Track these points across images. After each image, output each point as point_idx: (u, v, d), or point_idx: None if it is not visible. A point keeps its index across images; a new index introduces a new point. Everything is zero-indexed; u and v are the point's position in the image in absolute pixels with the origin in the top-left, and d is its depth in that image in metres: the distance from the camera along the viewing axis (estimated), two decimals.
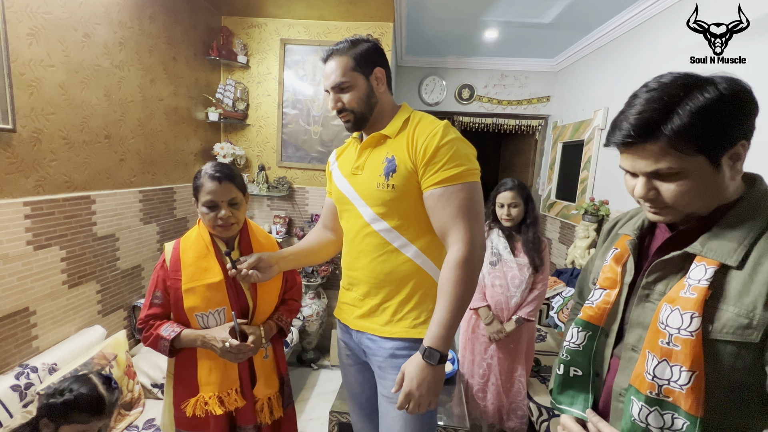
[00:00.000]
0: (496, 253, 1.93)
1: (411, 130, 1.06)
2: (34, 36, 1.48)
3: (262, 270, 1.17)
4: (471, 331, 2.04)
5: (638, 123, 0.64)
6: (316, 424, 2.35)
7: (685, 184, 0.65)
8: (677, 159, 0.63)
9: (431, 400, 0.96)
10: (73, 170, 1.71)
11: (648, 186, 0.68)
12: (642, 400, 0.68)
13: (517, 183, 1.91)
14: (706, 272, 0.65)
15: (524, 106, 4.06)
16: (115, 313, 2.02)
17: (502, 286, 1.92)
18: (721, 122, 0.61)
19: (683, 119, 0.61)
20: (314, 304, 2.92)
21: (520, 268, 1.91)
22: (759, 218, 0.65)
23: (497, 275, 1.93)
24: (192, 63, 2.57)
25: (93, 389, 1.20)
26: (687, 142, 0.62)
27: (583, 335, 0.81)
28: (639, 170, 0.68)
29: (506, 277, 1.92)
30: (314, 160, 3.00)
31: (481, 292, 1.97)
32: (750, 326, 0.61)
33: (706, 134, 0.62)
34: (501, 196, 1.90)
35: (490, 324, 1.93)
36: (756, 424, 0.64)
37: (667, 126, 0.62)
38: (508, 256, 1.91)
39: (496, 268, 1.93)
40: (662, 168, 0.65)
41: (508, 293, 1.92)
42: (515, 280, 1.91)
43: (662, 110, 0.63)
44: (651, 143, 0.64)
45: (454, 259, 0.97)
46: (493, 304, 1.95)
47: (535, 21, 2.94)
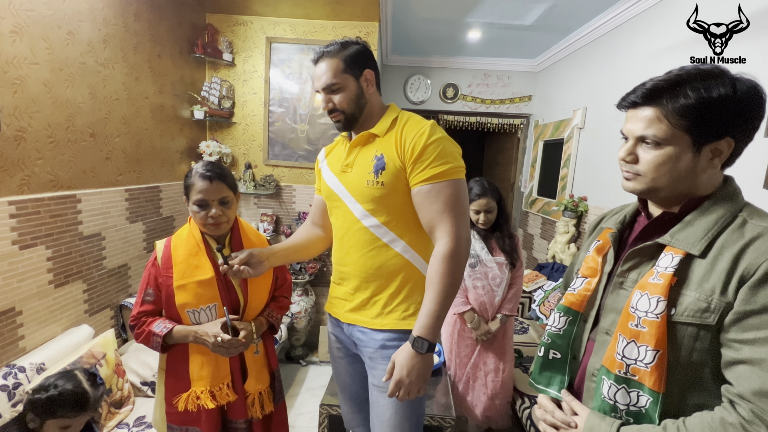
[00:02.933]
0: (474, 255, 1.92)
1: (399, 129, 1.10)
2: (17, 33, 1.47)
3: (253, 266, 1.19)
4: (456, 335, 2.01)
5: (650, 88, 0.71)
6: (306, 419, 2.38)
7: (662, 156, 0.71)
8: (665, 130, 0.70)
9: (420, 386, 1.01)
10: (59, 169, 1.69)
11: (631, 150, 0.75)
12: (612, 379, 0.73)
13: (488, 186, 1.89)
14: (673, 260, 0.70)
15: (507, 105, 4.16)
16: (102, 312, 2.01)
17: (484, 287, 1.94)
18: (719, 114, 0.67)
19: (687, 97, 0.67)
20: (302, 301, 2.94)
21: (500, 266, 1.92)
22: (724, 212, 0.71)
23: (478, 277, 1.94)
24: (177, 61, 2.55)
25: (77, 385, 1.23)
26: (680, 117, 0.68)
27: (564, 320, 0.87)
28: (630, 133, 0.75)
29: (487, 278, 1.93)
30: (301, 158, 3.02)
31: (463, 296, 1.96)
32: (708, 309, 0.67)
33: (701, 118, 0.67)
34: (475, 204, 1.88)
35: (477, 327, 1.93)
36: (713, 402, 0.69)
37: (670, 97, 0.69)
38: (486, 257, 1.92)
39: (476, 270, 1.93)
40: (649, 134, 0.71)
41: (491, 293, 1.94)
42: (496, 279, 1.93)
43: (675, 83, 0.69)
44: (650, 108, 0.71)
45: (441, 253, 1.02)
46: (477, 305, 1.96)
47: (517, 23, 3.02)
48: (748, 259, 0.65)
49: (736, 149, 0.71)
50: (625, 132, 0.77)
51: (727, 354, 0.66)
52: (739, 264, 0.66)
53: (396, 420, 1.14)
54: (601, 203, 2.78)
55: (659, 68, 0.73)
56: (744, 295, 0.64)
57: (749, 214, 0.70)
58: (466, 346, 2.01)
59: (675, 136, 0.70)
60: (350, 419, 1.40)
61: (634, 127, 0.74)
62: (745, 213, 0.70)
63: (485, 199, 1.86)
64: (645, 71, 2.33)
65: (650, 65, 2.32)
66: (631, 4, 2.47)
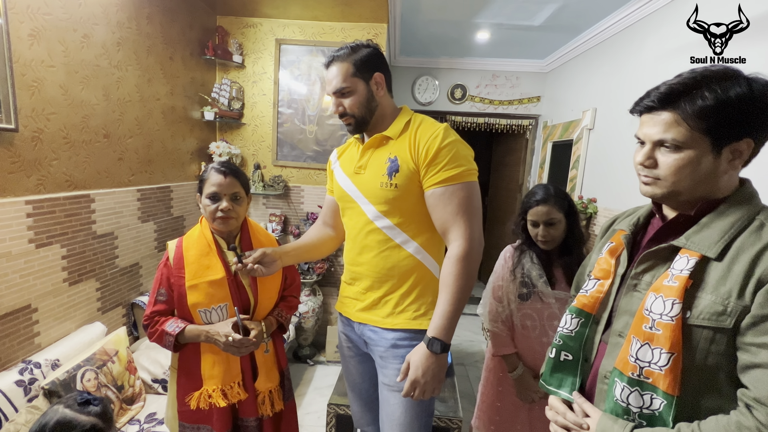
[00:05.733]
0: (527, 283, 1.45)
1: (413, 132, 1.11)
2: (35, 37, 1.50)
3: (266, 264, 1.21)
4: (497, 384, 1.55)
5: (665, 91, 0.70)
6: (314, 418, 2.39)
7: (682, 160, 0.70)
8: (684, 133, 0.69)
9: (435, 387, 1.02)
10: (74, 169, 1.72)
11: (649, 154, 0.74)
12: (624, 381, 0.73)
13: (552, 192, 1.44)
14: (688, 263, 0.70)
15: (515, 106, 4.14)
16: (115, 310, 2.04)
17: (535, 328, 1.46)
18: (738, 114, 0.67)
19: (705, 99, 0.67)
20: (310, 300, 2.95)
21: (561, 304, 1.41)
22: (741, 215, 0.70)
23: (528, 313, 1.46)
24: (188, 63, 2.58)
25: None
26: (699, 119, 0.67)
27: (576, 322, 0.87)
28: (648, 137, 0.74)
29: (542, 317, 1.45)
30: (309, 159, 3.04)
31: (508, 333, 1.50)
32: (724, 313, 0.66)
33: (720, 119, 0.67)
34: (533, 212, 1.43)
35: (519, 378, 1.47)
36: (728, 406, 0.68)
37: (687, 100, 0.68)
38: (544, 288, 1.42)
39: (526, 304, 1.46)
40: (668, 138, 0.70)
41: (544, 338, 1.45)
42: (554, 320, 1.42)
43: (690, 86, 0.69)
44: (667, 112, 0.70)
45: (455, 254, 1.03)
46: (524, 351, 1.49)
47: (526, 23, 3.01)
48: (765, 262, 0.65)
49: (754, 150, 0.70)
50: (641, 136, 0.76)
51: (744, 358, 0.66)
52: (756, 267, 0.65)
53: (406, 419, 1.14)
54: (611, 205, 2.76)
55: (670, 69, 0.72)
56: (761, 299, 0.64)
57: (767, 216, 0.70)
58: (512, 405, 1.52)
59: (694, 139, 0.69)
60: (360, 418, 1.41)
61: (651, 131, 0.73)
62: (763, 216, 0.70)
63: (546, 207, 1.41)
64: (655, 72, 2.31)
65: (661, 66, 2.30)
66: (642, 5, 2.45)
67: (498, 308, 1.51)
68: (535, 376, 1.47)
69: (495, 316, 1.51)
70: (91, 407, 1.06)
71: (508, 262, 1.53)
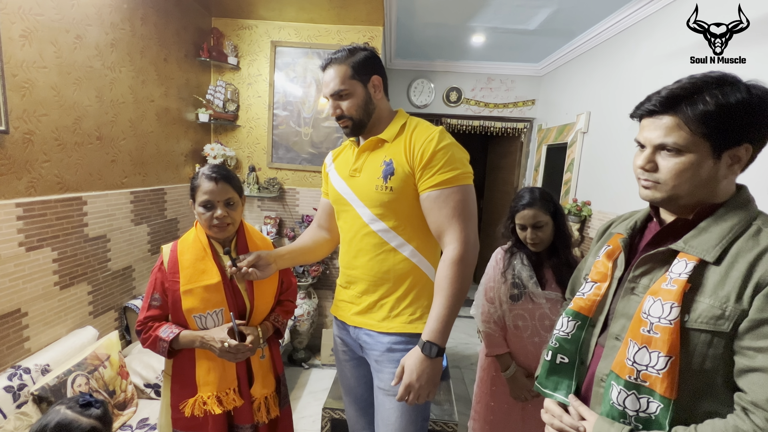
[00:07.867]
0: (518, 284, 1.48)
1: (408, 135, 1.11)
2: (26, 38, 1.48)
3: (260, 268, 1.20)
4: (490, 382, 1.58)
5: (666, 95, 0.71)
6: (308, 422, 2.38)
7: (683, 164, 0.71)
8: (685, 137, 0.70)
9: (430, 391, 1.01)
10: (65, 171, 1.70)
11: (650, 158, 0.75)
12: (621, 385, 0.73)
13: (538, 195, 1.47)
14: (686, 266, 0.70)
15: (510, 109, 4.16)
16: (107, 314, 2.01)
17: (527, 328, 1.48)
18: (738, 119, 0.68)
19: (706, 104, 0.68)
20: (305, 304, 2.94)
21: (552, 303, 1.44)
22: (739, 220, 0.71)
23: (519, 313, 1.49)
24: (183, 64, 2.56)
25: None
26: (700, 123, 0.68)
27: (572, 325, 0.87)
28: (648, 141, 0.74)
29: (533, 317, 1.47)
30: (305, 162, 3.03)
31: (500, 334, 1.53)
32: (722, 317, 0.67)
33: (720, 124, 0.68)
34: (520, 216, 1.46)
35: (512, 377, 1.49)
36: (724, 410, 0.68)
37: (688, 104, 0.69)
38: (534, 289, 1.45)
39: (518, 304, 1.48)
40: (669, 142, 0.71)
41: (536, 338, 1.47)
42: (545, 320, 1.45)
43: (691, 91, 0.70)
44: (668, 116, 0.71)
45: (451, 258, 1.03)
46: (516, 351, 1.51)
47: (521, 27, 3.02)
48: (763, 267, 0.65)
49: (752, 155, 0.71)
50: (642, 140, 0.76)
51: (741, 362, 0.66)
52: (754, 272, 0.66)
53: (401, 423, 1.14)
54: (605, 208, 2.78)
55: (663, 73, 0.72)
56: (759, 303, 0.64)
57: (764, 222, 0.70)
58: (506, 404, 1.53)
59: (695, 143, 0.70)
60: (355, 422, 1.40)
61: (652, 135, 0.74)
62: (760, 221, 0.71)
63: (533, 211, 1.44)
64: (649, 76, 2.33)
65: (654, 70, 2.32)
66: (635, 9, 2.47)
67: (490, 309, 1.54)
68: (527, 375, 1.50)
69: (487, 317, 1.54)
70: (93, 409, 1.09)
71: (499, 264, 1.56)
